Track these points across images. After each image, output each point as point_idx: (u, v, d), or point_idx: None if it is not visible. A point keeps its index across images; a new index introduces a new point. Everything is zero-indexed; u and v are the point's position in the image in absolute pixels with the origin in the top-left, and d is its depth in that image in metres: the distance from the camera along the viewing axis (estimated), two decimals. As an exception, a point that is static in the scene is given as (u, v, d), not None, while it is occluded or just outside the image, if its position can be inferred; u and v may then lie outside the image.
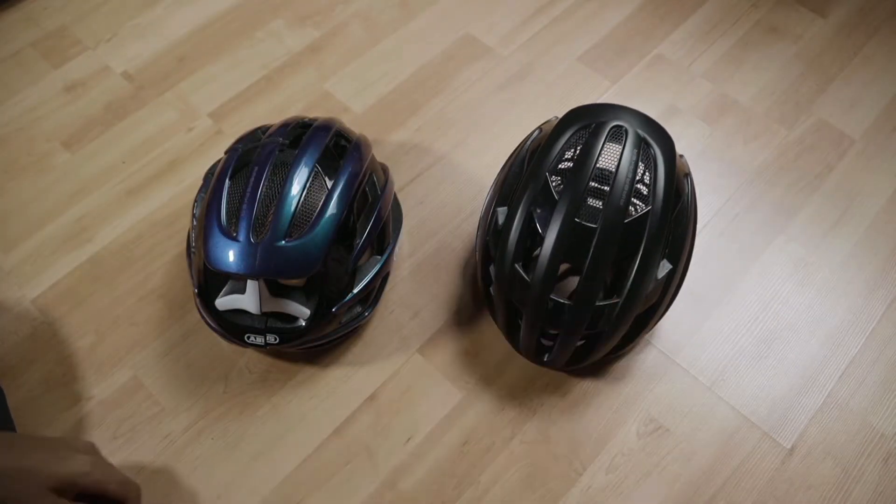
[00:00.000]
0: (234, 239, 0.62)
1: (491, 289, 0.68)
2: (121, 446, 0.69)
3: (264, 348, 0.67)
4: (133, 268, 0.80)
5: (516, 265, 0.63)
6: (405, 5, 1.03)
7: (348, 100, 0.94)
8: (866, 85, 0.95)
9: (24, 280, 0.78)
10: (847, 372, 0.74)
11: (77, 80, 0.95)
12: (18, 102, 0.93)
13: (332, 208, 0.64)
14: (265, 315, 0.67)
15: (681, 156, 0.67)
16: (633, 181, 0.61)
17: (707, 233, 0.83)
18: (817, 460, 0.69)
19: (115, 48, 0.98)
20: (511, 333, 0.69)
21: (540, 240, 0.61)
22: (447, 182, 0.87)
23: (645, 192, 0.63)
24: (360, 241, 0.66)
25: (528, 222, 0.63)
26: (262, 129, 0.73)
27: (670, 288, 0.65)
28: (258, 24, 1.01)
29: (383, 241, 0.73)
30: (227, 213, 0.64)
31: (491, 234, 0.68)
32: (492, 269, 0.67)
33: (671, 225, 0.63)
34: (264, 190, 0.63)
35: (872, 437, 0.70)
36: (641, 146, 0.63)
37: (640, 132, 0.63)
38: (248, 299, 0.66)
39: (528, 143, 0.70)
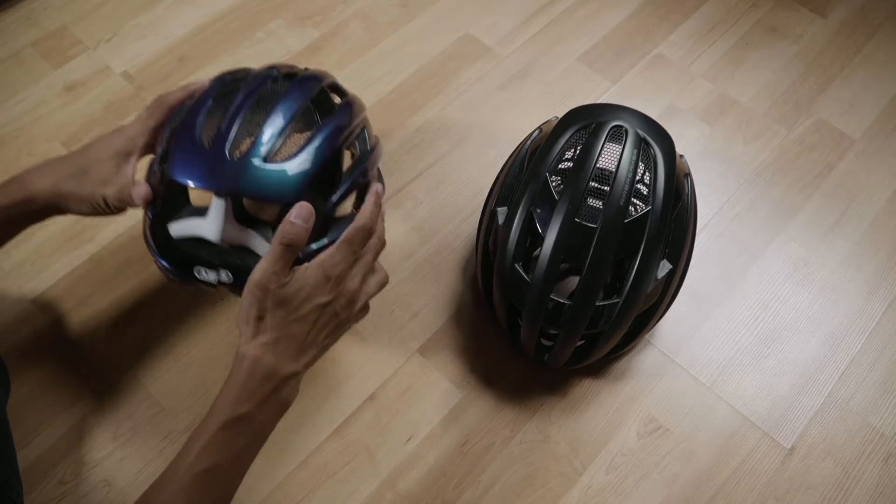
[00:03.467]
0: (207, 150, 0.56)
1: (491, 289, 0.68)
2: (121, 446, 0.69)
3: (214, 287, 0.60)
4: (133, 268, 0.80)
5: (516, 265, 0.63)
6: (405, 5, 1.03)
7: (348, 100, 0.94)
8: (866, 85, 0.95)
9: (24, 280, 0.78)
10: (847, 372, 0.74)
11: (77, 80, 0.95)
12: (18, 102, 0.93)
13: (319, 141, 0.58)
14: (223, 250, 0.61)
15: (681, 156, 0.67)
16: (633, 181, 0.61)
17: (707, 233, 0.83)
18: (817, 460, 0.69)
19: (115, 48, 0.98)
20: (511, 333, 0.69)
21: (540, 240, 0.61)
22: (447, 182, 0.87)
23: (645, 192, 0.63)
24: (342, 189, 0.61)
25: (528, 222, 0.63)
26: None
27: (670, 288, 0.65)
28: (258, 24, 1.01)
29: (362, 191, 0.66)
30: (205, 127, 0.57)
31: (491, 234, 0.68)
32: (492, 269, 0.67)
33: (671, 225, 0.63)
34: (249, 113, 0.58)
35: (872, 437, 0.70)
36: (641, 146, 0.63)
37: (640, 132, 0.63)
38: (208, 224, 0.60)
39: (528, 143, 0.70)
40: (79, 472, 0.68)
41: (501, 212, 0.66)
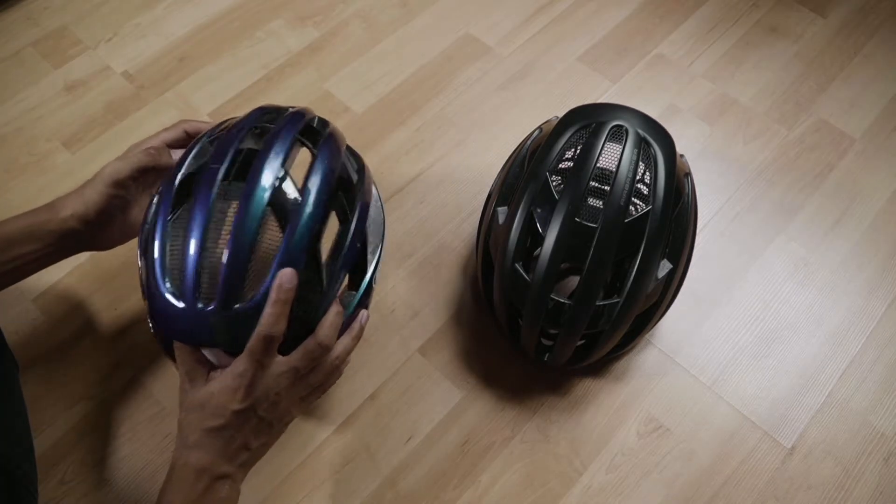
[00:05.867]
0: (180, 300, 0.51)
1: (491, 289, 0.68)
2: (121, 446, 0.69)
3: None
4: (133, 267, 0.79)
5: (516, 265, 0.63)
6: (405, 5, 1.03)
7: (348, 100, 0.94)
8: (866, 85, 0.95)
9: (24, 280, 0.78)
10: (847, 372, 0.74)
11: (77, 80, 0.95)
12: (19, 102, 0.93)
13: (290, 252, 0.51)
14: None
15: (681, 155, 0.67)
16: (633, 181, 0.61)
17: (707, 233, 0.83)
18: (817, 460, 0.69)
19: (115, 48, 0.98)
20: (511, 333, 0.69)
21: (540, 239, 0.61)
22: (447, 182, 0.87)
23: (645, 192, 0.63)
24: (327, 285, 0.54)
25: (529, 222, 0.63)
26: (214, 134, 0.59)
27: (670, 287, 0.65)
28: (258, 24, 1.01)
29: (358, 268, 0.59)
30: (170, 267, 0.53)
31: (491, 234, 0.68)
32: (492, 269, 0.67)
33: (671, 224, 0.63)
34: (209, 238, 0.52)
35: (873, 436, 0.70)
36: (642, 146, 0.63)
37: (640, 132, 0.63)
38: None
39: (528, 143, 0.70)
40: (79, 471, 0.68)
41: (502, 212, 0.66)
